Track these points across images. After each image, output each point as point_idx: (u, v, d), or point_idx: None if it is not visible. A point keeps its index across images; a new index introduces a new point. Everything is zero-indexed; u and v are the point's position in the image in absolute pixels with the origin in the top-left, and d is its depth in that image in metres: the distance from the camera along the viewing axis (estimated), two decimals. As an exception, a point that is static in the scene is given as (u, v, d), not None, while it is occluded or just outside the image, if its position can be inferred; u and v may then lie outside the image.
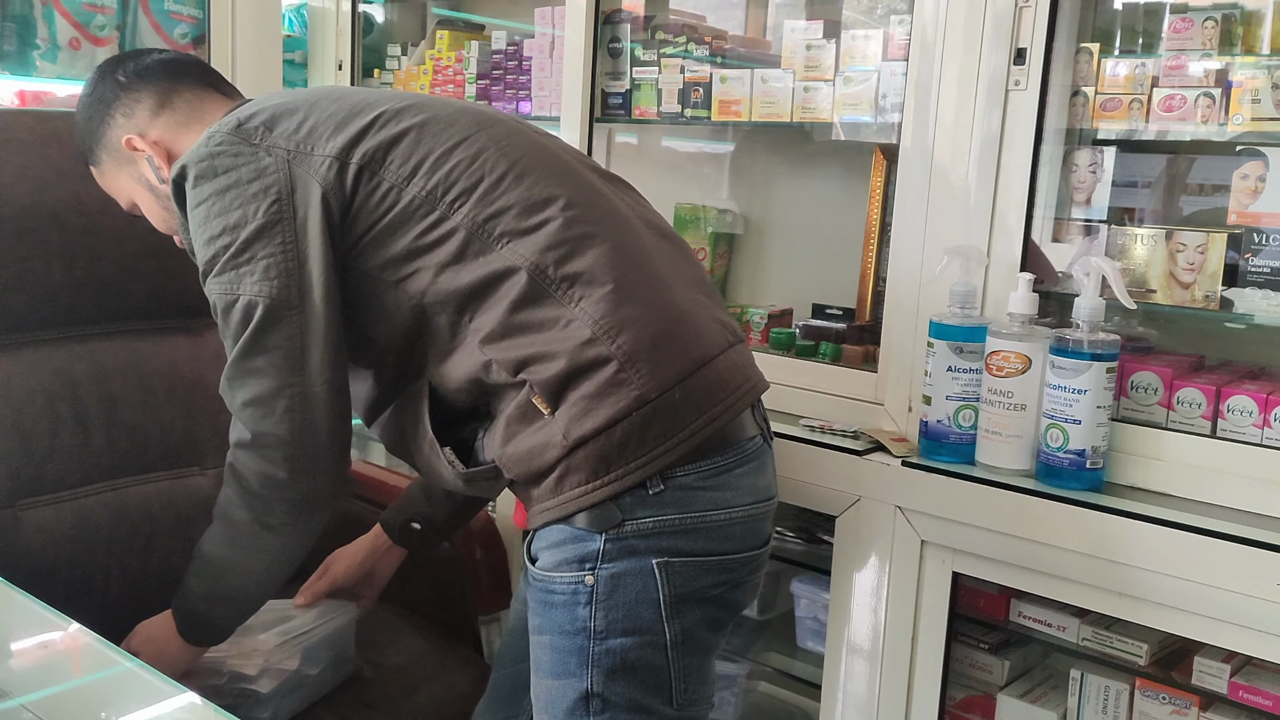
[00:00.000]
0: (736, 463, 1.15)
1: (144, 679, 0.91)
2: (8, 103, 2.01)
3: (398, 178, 1.14)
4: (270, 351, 1.14)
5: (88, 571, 1.50)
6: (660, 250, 1.21)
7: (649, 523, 1.10)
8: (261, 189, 1.13)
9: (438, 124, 1.18)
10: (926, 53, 1.48)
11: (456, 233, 1.12)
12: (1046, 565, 1.34)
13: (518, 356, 1.10)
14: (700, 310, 1.18)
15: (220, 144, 1.16)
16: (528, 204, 1.14)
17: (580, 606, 1.10)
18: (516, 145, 1.19)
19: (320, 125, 1.16)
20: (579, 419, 1.08)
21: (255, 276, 1.13)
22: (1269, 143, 1.33)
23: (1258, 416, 1.30)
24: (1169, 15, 1.40)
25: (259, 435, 1.16)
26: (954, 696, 1.53)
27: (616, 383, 1.08)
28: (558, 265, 1.11)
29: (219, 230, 1.14)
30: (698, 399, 1.11)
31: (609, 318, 1.09)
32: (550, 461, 1.09)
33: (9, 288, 1.49)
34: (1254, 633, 1.22)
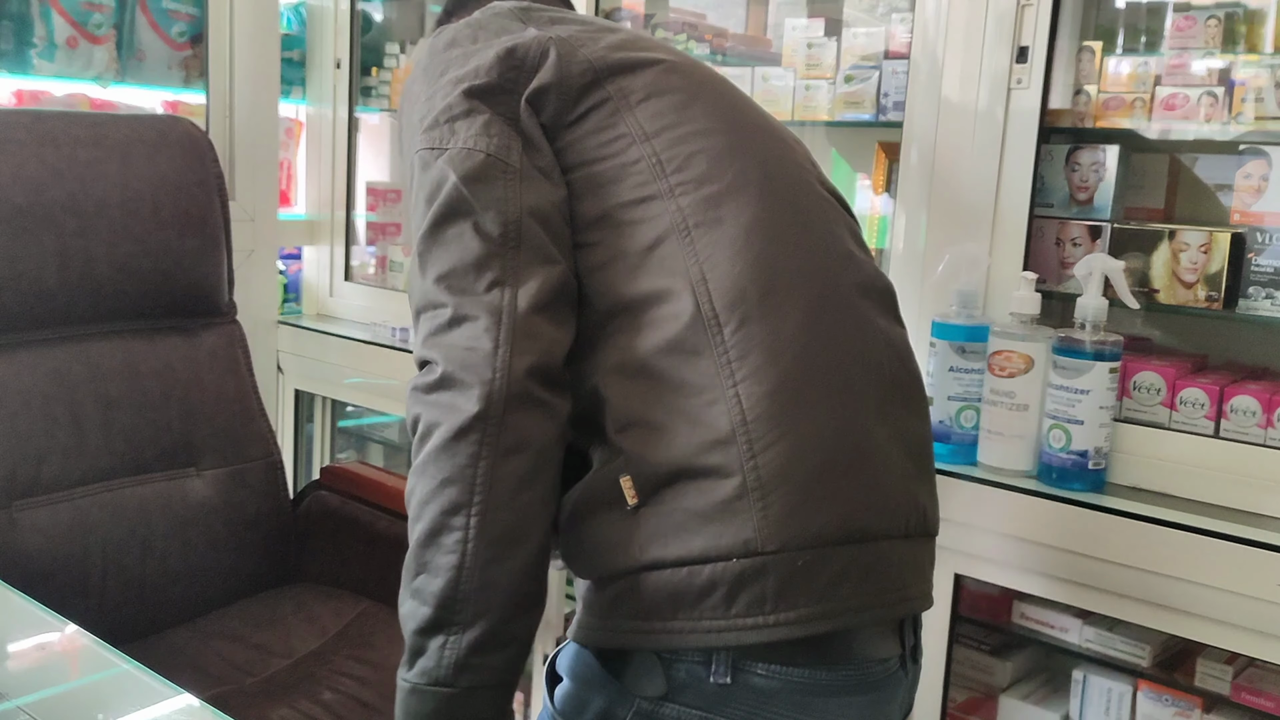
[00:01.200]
0: (847, 686, 0.85)
1: (141, 680, 0.90)
2: (5, 102, 2.01)
3: (639, 130, 0.92)
4: (481, 212, 0.88)
5: (84, 572, 1.50)
6: (888, 380, 0.92)
7: (696, 716, 0.84)
8: (508, 50, 0.93)
9: (714, 101, 0.97)
10: (928, 51, 1.48)
11: (660, 219, 0.89)
12: (1049, 566, 1.34)
13: (632, 411, 0.85)
14: (896, 471, 0.89)
15: (498, 14, 0.99)
16: (751, 233, 0.88)
17: None
18: (783, 174, 0.95)
19: (601, 39, 0.97)
20: (666, 534, 0.82)
21: (474, 130, 0.90)
22: (1272, 141, 1.32)
23: (1261, 417, 1.30)
24: (1172, 14, 1.40)
25: (459, 307, 0.86)
26: (956, 698, 1.53)
27: (729, 509, 0.81)
28: (738, 326, 0.85)
29: (445, 81, 0.94)
30: (829, 579, 0.82)
31: (764, 422, 0.82)
32: (614, 570, 0.84)
33: (4, 289, 1.48)
34: (1257, 635, 1.21)
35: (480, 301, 0.86)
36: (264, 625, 1.60)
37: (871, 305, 0.95)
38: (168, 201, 1.64)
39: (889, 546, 0.86)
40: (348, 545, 1.74)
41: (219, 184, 1.71)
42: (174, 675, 0.90)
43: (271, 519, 1.72)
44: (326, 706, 1.41)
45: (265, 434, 1.74)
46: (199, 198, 1.68)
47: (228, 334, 1.74)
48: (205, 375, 1.68)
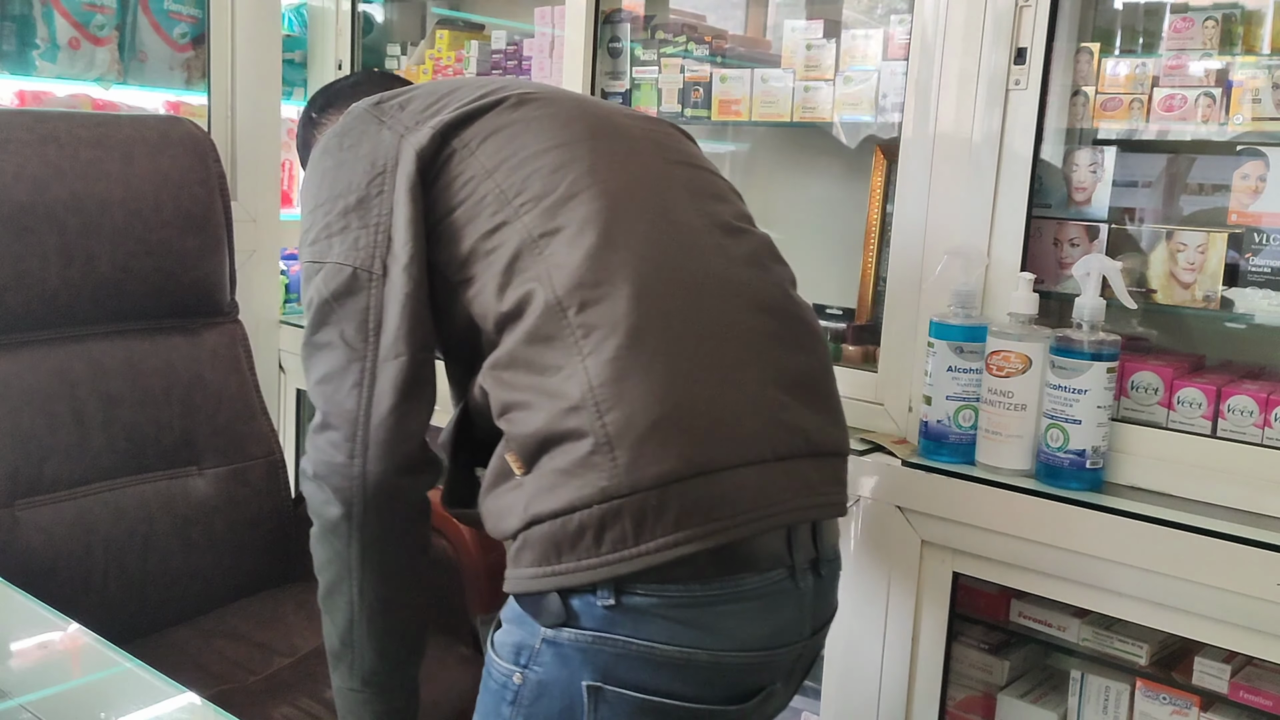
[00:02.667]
0: (722, 598, 0.97)
1: (143, 679, 0.91)
2: (7, 103, 2.01)
3: (483, 168, 1.05)
4: (344, 322, 1.05)
5: (86, 571, 1.50)
6: (745, 326, 1.03)
7: (589, 636, 0.95)
8: (370, 161, 1.07)
9: (549, 122, 1.09)
10: (927, 52, 1.48)
11: (510, 241, 1.02)
12: (1047, 565, 1.34)
13: (505, 399, 1.00)
14: (754, 408, 1.00)
15: (356, 119, 1.11)
16: (585, 229, 1.00)
17: (505, 703, 1.00)
18: (616, 166, 1.07)
19: (449, 104, 1.10)
20: (542, 493, 0.96)
21: (345, 245, 1.06)
22: (1269, 142, 1.33)
23: (1258, 416, 1.30)
24: (1169, 15, 1.40)
25: (327, 415, 1.07)
26: (954, 696, 1.53)
27: (587, 464, 0.93)
28: (580, 308, 0.97)
29: (324, 199, 1.09)
30: (678, 511, 0.93)
31: (608, 386, 0.94)
32: (511, 529, 0.99)
33: (6, 288, 1.49)
34: (1254, 633, 1.21)
35: (342, 410, 1.05)
36: (266, 623, 1.61)
37: (733, 262, 1.07)
38: (170, 201, 1.64)
39: (748, 473, 0.96)
40: (349, 544, 1.74)
41: (221, 184, 1.72)
42: (176, 674, 0.90)
43: (273, 518, 1.72)
44: (329, 705, 1.41)
45: (267, 433, 1.75)
46: (201, 197, 1.68)
47: (229, 333, 1.74)
48: (207, 374, 1.68)
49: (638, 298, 0.97)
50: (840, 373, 1.62)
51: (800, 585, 1.02)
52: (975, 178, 1.44)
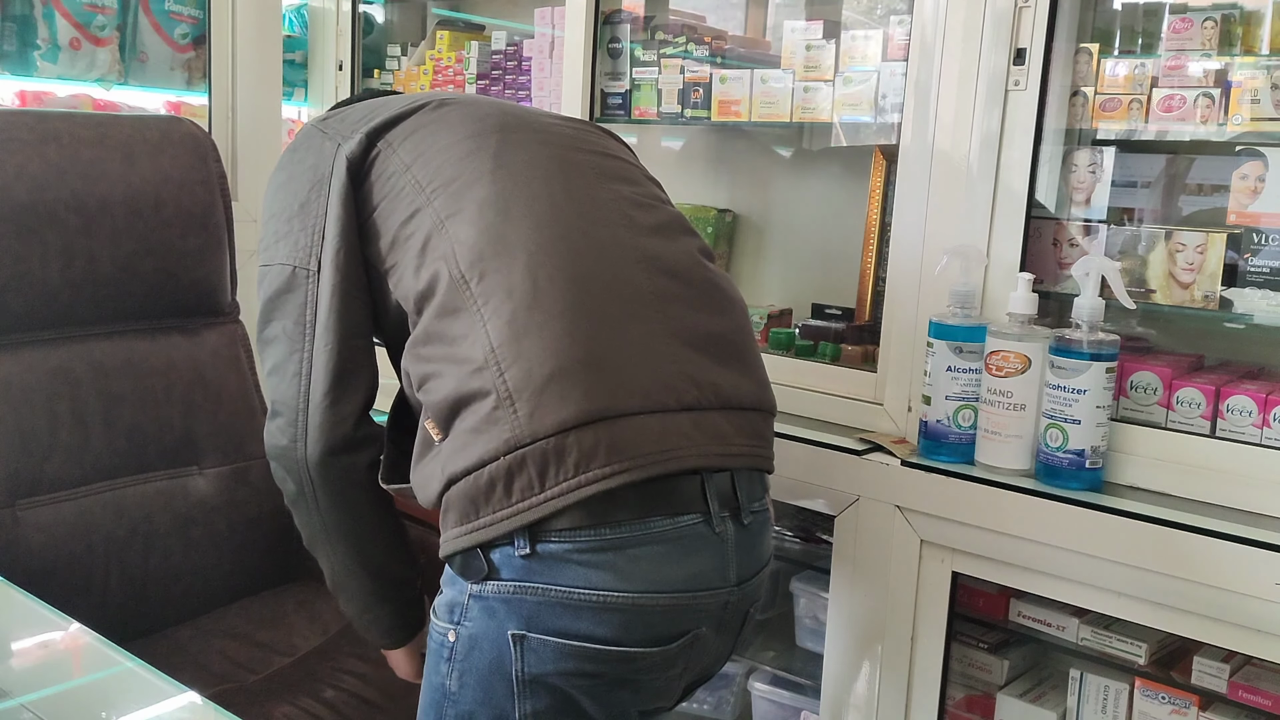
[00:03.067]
0: (631, 540, 0.98)
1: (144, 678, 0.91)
2: (8, 103, 2.02)
3: (400, 164, 1.14)
4: (285, 317, 1.16)
5: (87, 571, 1.50)
6: (645, 288, 1.07)
7: (509, 586, 0.99)
8: (313, 170, 1.17)
9: (463, 118, 1.17)
10: (926, 53, 1.48)
11: (424, 225, 1.09)
12: (1046, 565, 1.34)
13: (421, 372, 1.05)
14: (656, 362, 1.03)
15: (305, 135, 1.21)
16: (483, 205, 1.07)
17: (443, 660, 1.05)
18: (522, 151, 1.13)
19: (382, 111, 1.19)
20: (455, 454, 1.00)
21: (287, 247, 1.16)
22: (1268, 143, 1.33)
23: (1257, 416, 1.31)
24: (1168, 15, 1.40)
25: (274, 403, 1.18)
26: (953, 696, 1.54)
27: (492, 420, 0.97)
28: (480, 278, 1.02)
29: (277, 210, 1.19)
30: (580, 454, 0.96)
31: (506, 346, 0.99)
32: (434, 495, 1.03)
33: (7, 288, 1.49)
34: (1253, 633, 1.22)
35: (285, 398, 1.16)
36: (266, 623, 1.61)
37: (638, 231, 1.12)
38: (170, 201, 1.64)
39: (649, 420, 0.99)
40: (349, 544, 1.74)
41: (222, 184, 1.72)
42: (177, 673, 0.91)
43: (274, 517, 1.72)
44: (329, 704, 1.42)
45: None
46: (202, 198, 1.68)
47: (230, 333, 1.75)
48: (208, 374, 1.69)
49: (532, 264, 1.03)
50: (840, 373, 1.64)
51: (718, 531, 1.04)
52: (975, 178, 1.44)
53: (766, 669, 1.83)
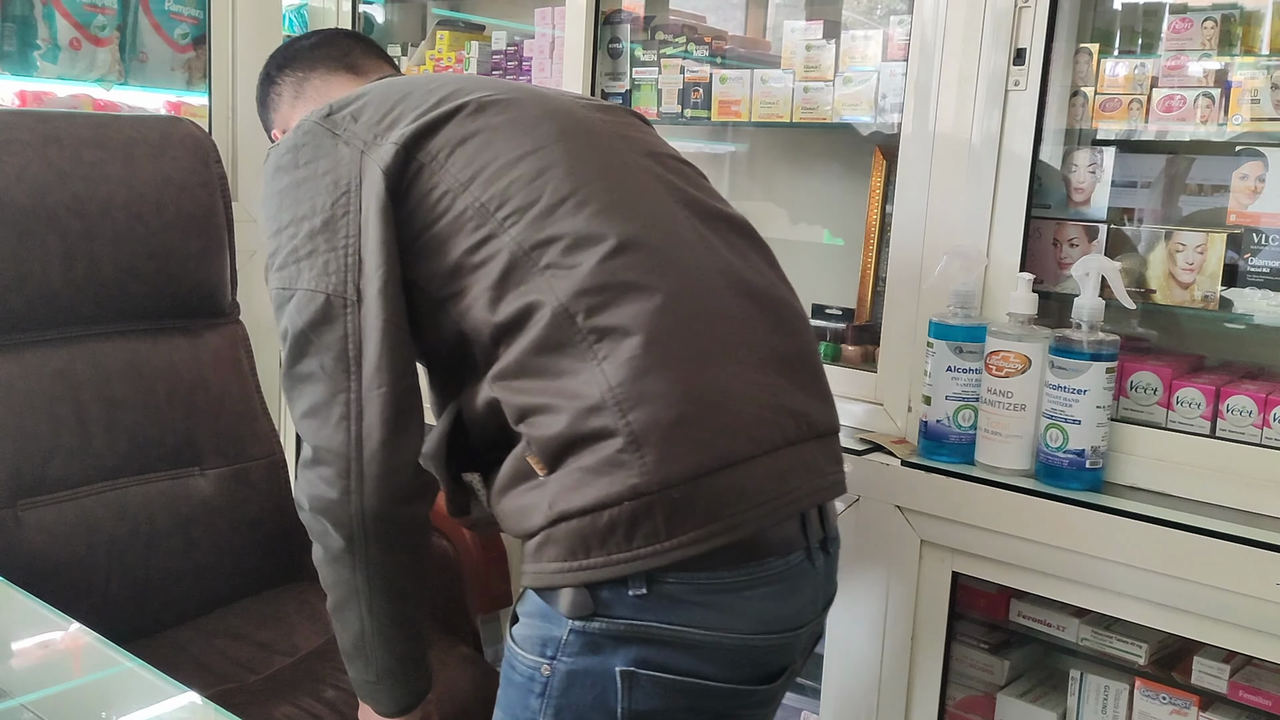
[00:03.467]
0: (748, 583, 0.99)
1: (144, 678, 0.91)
2: (8, 103, 2.02)
3: (456, 181, 1.04)
4: (323, 352, 1.05)
5: (88, 571, 1.51)
6: (735, 314, 1.05)
7: (622, 625, 0.97)
8: (333, 180, 1.06)
9: (516, 126, 1.08)
10: (926, 53, 1.48)
11: (501, 254, 1.01)
12: (1046, 565, 1.34)
13: (521, 404, 1.00)
14: (757, 395, 1.02)
15: (308, 133, 1.09)
16: (579, 236, 1.01)
17: (533, 695, 1.01)
18: (593, 166, 1.07)
19: (405, 114, 1.08)
20: (568, 491, 0.97)
21: (314, 271, 1.05)
22: (1268, 143, 1.33)
23: (1257, 416, 1.31)
24: (1168, 15, 1.40)
25: (316, 450, 1.07)
26: (954, 696, 1.54)
27: (616, 463, 0.95)
28: (589, 314, 0.98)
29: (287, 222, 1.08)
30: (706, 505, 0.96)
31: (626, 386, 0.96)
32: (534, 527, 0.99)
33: (9, 289, 1.49)
34: (1253, 633, 1.22)
35: (331, 446, 1.06)
36: (267, 623, 1.61)
37: (714, 250, 1.09)
38: (171, 202, 1.64)
39: (765, 460, 0.99)
40: (350, 544, 1.74)
41: (222, 185, 1.72)
42: (177, 673, 0.91)
43: (274, 518, 1.73)
44: (329, 704, 1.42)
45: (268, 433, 1.75)
46: (202, 198, 1.69)
47: (231, 334, 1.75)
48: (209, 375, 1.69)
49: (643, 298, 0.99)
50: (840, 373, 1.64)
51: (815, 565, 1.06)
52: (974, 178, 1.44)
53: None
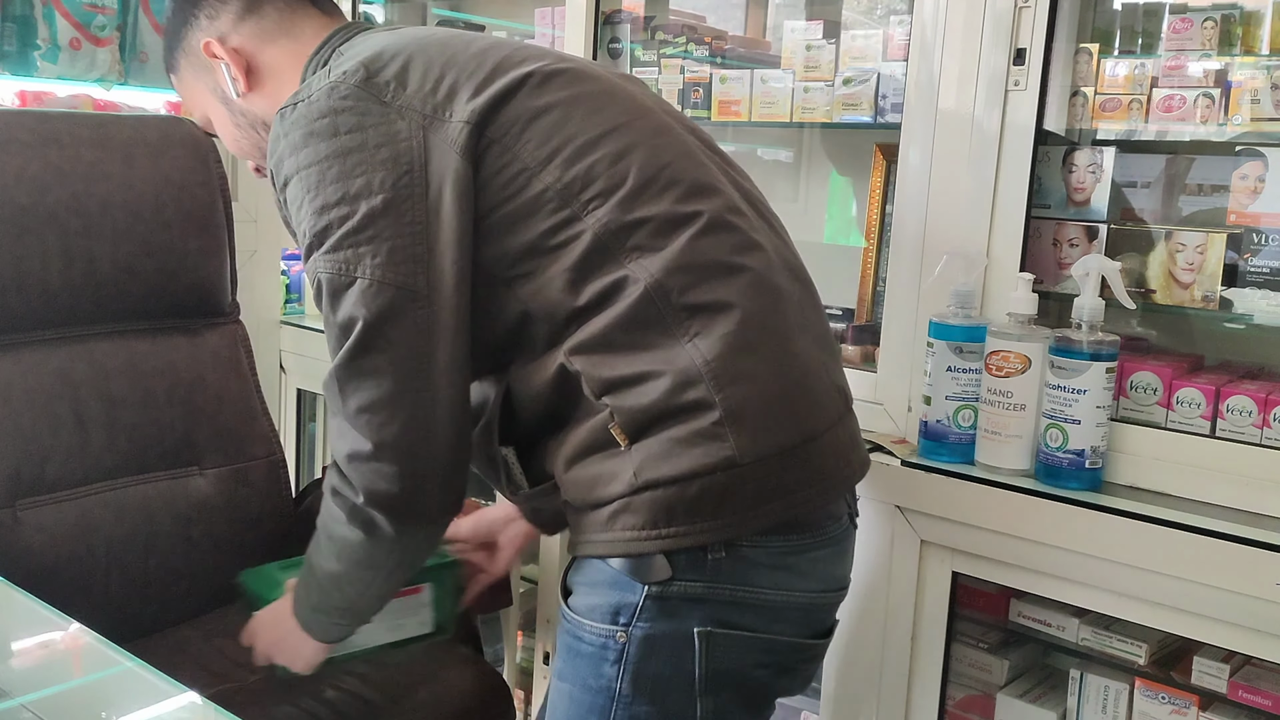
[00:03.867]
0: (814, 545, 1.05)
1: (144, 678, 0.91)
2: (8, 103, 2.02)
3: (533, 160, 1.00)
4: (392, 348, 0.99)
5: (87, 571, 1.51)
6: (794, 295, 1.08)
7: (699, 588, 1.00)
8: (391, 157, 0.98)
9: (588, 103, 1.05)
10: (926, 53, 1.48)
11: (584, 236, 1.00)
12: (1046, 565, 1.34)
13: (608, 376, 0.99)
14: (822, 373, 1.07)
15: (345, 97, 1.00)
16: (668, 218, 1.01)
17: (608, 664, 1.02)
18: (668, 146, 1.06)
19: (460, 83, 1.02)
20: (657, 460, 0.98)
21: (379, 258, 0.98)
22: (1268, 143, 1.33)
23: (1257, 416, 1.31)
24: (1168, 15, 1.40)
25: (377, 446, 1.01)
26: (954, 696, 1.54)
27: (710, 435, 0.97)
28: (682, 291, 0.99)
29: (337, 198, 0.99)
30: (792, 478, 1.01)
31: (722, 362, 0.98)
32: (612, 495, 1.00)
33: (8, 289, 1.49)
34: (1253, 633, 1.22)
35: (396, 444, 1.01)
36: (266, 623, 1.61)
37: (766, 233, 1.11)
38: (171, 202, 1.64)
39: (830, 435, 1.05)
40: (350, 544, 1.74)
41: (222, 184, 1.72)
42: (177, 673, 0.91)
43: (274, 518, 1.73)
44: (329, 704, 1.42)
45: (268, 433, 1.75)
46: (202, 198, 1.68)
47: (230, 334, 1.75)
48: (208, 375, 1.69)
49: (732, 279, 1.02)
50: (840, 373, 1.64)
51: (854, 529, 1.16)
52: (974, 178, 1.44)
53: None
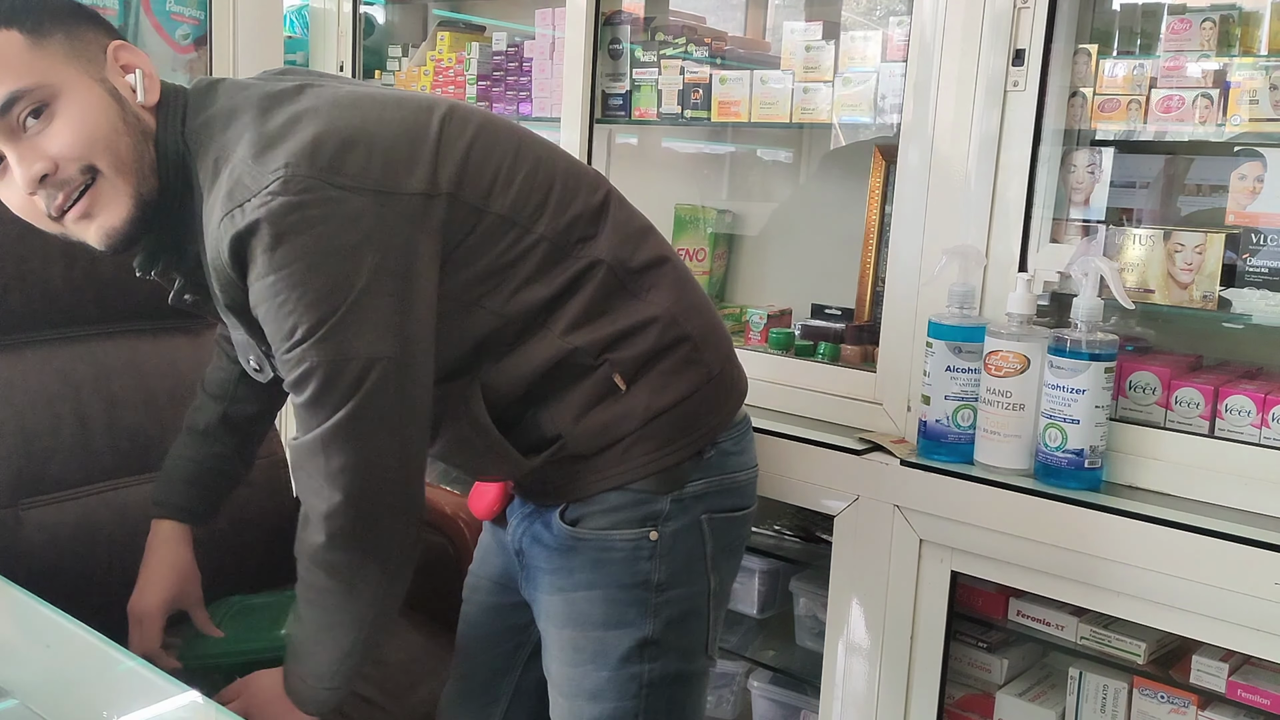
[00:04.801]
0: (748, 427, 1.28)
1: (146, 677, 0.91)
2: (9, 104, 2.02)
3: (476, 197, 1.10)
4: (388, 410, 1.09)
5: (89, 571, 1.51)
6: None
7: (700, 484, 1.19)
8: (361, 240, 1.04)
9: (488, 132, 1.14)
10: (925, 54, 1.48)
11: (540, 245, 1.13)
12: (1045, 564, 1.35)
13: (602, 338, 1.15)
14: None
15: (305, 189, 1.02)
16: (593, 207, 1.18)
17: (643, 560, 1.17)
18: (545, 149, 1.20)
19: (391, 152, 1.07)
20: (656, 393, 1.16)
21: (368, 335, 1.05)
22: (1267, 143, 1.33)
23: (1255, 416, 1.31)
24: (1167, 16, 1.40)
25: (364, 493, 1.11)
26: (953, 695, 1.54)
27: (691, 360, 1.18)
28: (630, 258, 1.17)
29: (324, 292, 1.04)
30: (735, 376, 1.25)
31: (680, 303, 1.19)
32: (626, 431, 1.16)
33: (9, 288, 1.50)
34: (1252, 632, 1.22)
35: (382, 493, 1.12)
36: (267, 623, 1.61)
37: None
38: (172, 203, 1.64)
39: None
40: (350, 544, 1.75)
41: (222, 186, 1.72)
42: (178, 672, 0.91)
43: (274, 517, 1.73)
44: (329, 703, 1.42)
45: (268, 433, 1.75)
46: (202, 199, 1.69)
47: (231, 334, 1.75)
48: (209, 375, 1.69)
49: (652, 236, 1.23)
50: (839, 372, 1.64)
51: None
52: (974, 178, 1.45)
53: (766, 668, 1.83)
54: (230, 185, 1.05)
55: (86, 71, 1.11)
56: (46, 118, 1.07)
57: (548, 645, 1.24)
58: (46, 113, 1.07)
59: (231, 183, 1.05)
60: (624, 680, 1.19)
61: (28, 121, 1.06)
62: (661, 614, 1.19)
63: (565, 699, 1.22)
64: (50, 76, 1.08)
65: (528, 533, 1.25)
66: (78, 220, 1.11)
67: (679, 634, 1.20)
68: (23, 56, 1.07)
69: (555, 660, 1.23)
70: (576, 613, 1.20)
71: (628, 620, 1.18)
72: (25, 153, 1.07)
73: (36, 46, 1.08)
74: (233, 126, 1.09)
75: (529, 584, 1.26)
